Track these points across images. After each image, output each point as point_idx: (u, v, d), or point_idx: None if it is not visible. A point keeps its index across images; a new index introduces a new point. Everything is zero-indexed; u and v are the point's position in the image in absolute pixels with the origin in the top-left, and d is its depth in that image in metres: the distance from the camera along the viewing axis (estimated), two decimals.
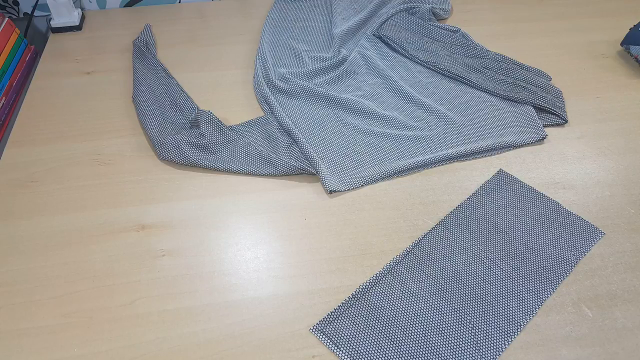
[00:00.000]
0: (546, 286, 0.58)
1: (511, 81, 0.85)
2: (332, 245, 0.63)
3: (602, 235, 0.64)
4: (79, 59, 0.92)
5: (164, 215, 0.66)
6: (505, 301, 0.56)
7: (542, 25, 1.02)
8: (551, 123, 0.80)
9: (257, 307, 0.56)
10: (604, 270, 0.60)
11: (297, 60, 0.91)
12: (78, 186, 0.69)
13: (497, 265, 0.60)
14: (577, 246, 0.62)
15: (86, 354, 0.52)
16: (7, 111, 0.85)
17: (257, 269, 0.60)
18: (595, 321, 0.55)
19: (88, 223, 0.64)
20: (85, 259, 0.61)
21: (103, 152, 0.74)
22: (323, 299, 0.57)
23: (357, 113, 0.80)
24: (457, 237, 0.63)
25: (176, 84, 0.84)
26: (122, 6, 1.07)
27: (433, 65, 0.89)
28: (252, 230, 0.64)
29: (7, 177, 0.70)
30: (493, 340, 0.53)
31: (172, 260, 0.61)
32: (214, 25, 1.02)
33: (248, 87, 0.87)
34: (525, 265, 0.60)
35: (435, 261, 0.60)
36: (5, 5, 1.01)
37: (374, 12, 1.02)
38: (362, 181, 0.70)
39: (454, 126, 0.79)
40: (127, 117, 0.80)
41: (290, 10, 1.04)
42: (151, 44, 0.94)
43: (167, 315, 0.55)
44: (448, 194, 0.69)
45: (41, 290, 0.57)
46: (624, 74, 0.90)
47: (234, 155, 0.73)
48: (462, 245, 0.62)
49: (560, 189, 0.70)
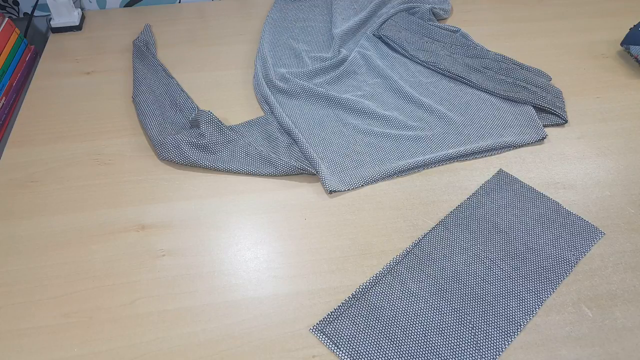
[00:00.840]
0: (546, 286, 0.58)
1: (511, 81, 0.85)
2: (332, 245, 0.63)
3: (602, 235, 0.64)
4: (79, 59, 0.92)
5: (164, 215, 0.66)
6: (505, 301, 0.57)
7: (542, 25, 1.02)
8: (551, 123, 0.80)
9: (257, 307, 0.56)
10: (604, 270, 0.60)
11: (297, 60, 0.91)
12: (78, 186, 0.69)
13: (497, 265, 0.60)
14: (577, 246, 0.62)
15: (86, 354, 0.52)
16: (7, 111, 0.85)
17: (257, 269, 0.60)
18: (595, 321, 0.55)
19: (88, 223, 0.64)
20: (85, 259, 0.61)
21: (103, 152, 0.74)
22: (323, 299, 0.57)
23: (357, 113, 0.80)
24: (457, 237, 0.63)
25: (176, 84, 0.84)
26: (122, 6, 1.07)
27: (433, 65, 0.89)
28: (252, 230, 0.64)
29: (7, 177, 0.70)
30: (493, 340, 0.53)
31: (172, 260, 0.61)
32: (214, 25, 1.02)
33: (248, 87, 0.87)
34: (525, 265, 0.60)
35: (435, 261, 0.60)
36: (5, 5, 1.01)
37: (374, 12, 1.02)
38: (362, 181, 0.70)
39: (454, 126, 0.79)
40: (127, 117, 0.80)
41: (290, 10, 1.04)
42: (151, 44, 0.94)
43: (167, 315, 0.55)
44: (448, 194, 0.69)
45: (41, 290, 0.57)
46: (624, 74, 0.90)
47: (234, 155, 0.73)
48: (462, 245, 0.62)
49: (560, 189, 0.70)
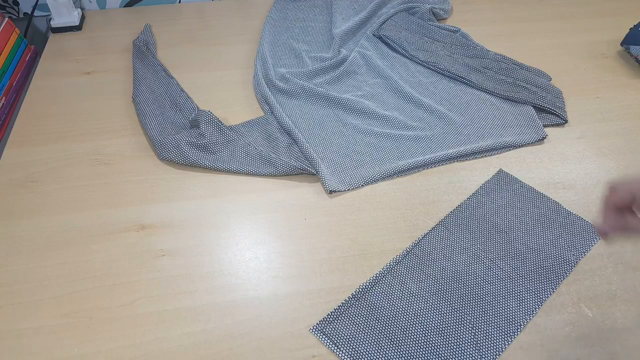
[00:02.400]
0: (546, 286, 0.58)
1: (511, 81, 0.85)
2: (332, 245, 0.63)
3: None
4: (79, 59, 0.92)
5: (164, 215, 0.66)
6: (505, 301, 0.56)
7: (542, 25, 1.02)
8: (551, 123, 0.80)
9: (257, 307, 0.56)
10: (604, 270, 0.60)
11: (297, 60, 0.91)
12: (78, 186, 0.69)
13: (497, 265, 0.60)
14: (577, 246, 0.62)
15: (86, 354, 0.52)
16: (7, 111, 0.85)
17: (257, 269, 0.60)
18: (595, 321, 0.55)
19: (88, 223, 0.64)
20: (85, 259, 0.61)
21: (103, 152, 0.74)
22: (323, 299, 0.57)
23: (357, 113, 0.80)
24: (457, 237, 0.63)
25: (176, 84, 0.84)
26: (122, 6, 1.07)
27: (433, 65, 0.89)
28: (252, 230, 0.64)
29: (7, 177, 0.70)
30: (493, 340, 0.53)
31: (172, 260, 0.61)
32: (214, 25, 1.02)
33: (248, 87, 0.87)
34: (525, 265, 0.60)
35: (435, 261, 0.60)
36: (5, 5, 1.01)
37: (374, 12, 1.02)
38: (362, 181, 0.70)
39: (454, 126, 0.79)
40: (127, 117, 0.80)
41: (290, 10, 1.04)
42: (151, 44, 0.94)
43: (167, 315, 0.55)
44: (448, 194, 0.69)
45: (41, 290, 0.57)
46: (624, 74, 0.90)
47: (234, 155, 0.73)
48: (462, 245, 0.62)
49: (560, 189, 0.70)
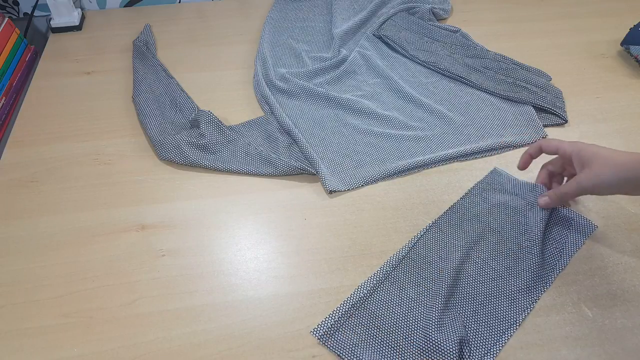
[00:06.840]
0: (540, 285, 0.58)
1: (511, 81, 0.85)
2: (332, 245, 0.63)
3: (595, 229, 0.63)
4: (79, 59, 0.92)
5: (164, 215, 0.66)
6: (497, 301, 0.56)
7: (542, 25, 1.02)
8: (551, 123, 0.80)
9: (257, 307, 0.56)
10: (604, 270, 0.60)
11: (297, 60, 0.91)
12: (78, 186, 0.69)
13: (489, 264, 0.60)
14: (570, 242, 0.62)
15: (86, 354, 0.52)
16: (7, 111, 0.85)
17: (257, 269, 0.60)
18: (595, 321, 0.55)
19: (88, 223, 0.64)
20: (85, 259, 0.61)
21: (103, 152, 0.74)
22: (323, 299, 0.57)
23: (357, 113, 0.80)
24: (451, 237, 0.62)
25: (176, 84, 0.84)
26: (122, 6, 1.07)
27: (433, 65, 0.89)
28: (252, 230, 0.64)
29: (7, 177, 0.70)
30: (484, 340, 0.53)
31: (172, 260, 0.61)
32: (214, 25, 1.02)
33: (248, 87, 0.87)
34: (517, 265, 0.59)
35: (431, 264, 0.60)
36: (5, 5, 1.01)
37: (374, 12, 1.02)
38: (362, 181, 0.70)
39: (454, 126, 0.79)
40: (127, 117, 0.80)
41: (290, 10, 1.04)
42: (151, 44, 0.94)
43: (167, 315, 0.55)
44: (448, 194, 0.69)
45: (41, 290, 0.57)
46: (624, 74, 0.90)
47: (234, 155, 0.73)
48: (456, 245, 0.61)
49: None
